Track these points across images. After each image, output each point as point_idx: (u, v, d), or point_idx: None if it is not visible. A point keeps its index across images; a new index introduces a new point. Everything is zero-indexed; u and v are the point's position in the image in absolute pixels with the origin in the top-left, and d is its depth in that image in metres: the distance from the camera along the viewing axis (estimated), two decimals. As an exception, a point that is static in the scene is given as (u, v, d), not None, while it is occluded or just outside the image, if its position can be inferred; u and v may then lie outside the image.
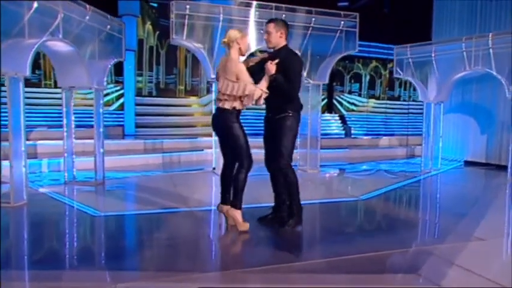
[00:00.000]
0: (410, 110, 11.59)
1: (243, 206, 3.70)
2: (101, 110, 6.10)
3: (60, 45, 5.41)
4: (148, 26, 10.43)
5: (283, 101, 3.75)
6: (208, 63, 6.86)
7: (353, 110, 12.87)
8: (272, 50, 3.86)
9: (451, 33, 8.93)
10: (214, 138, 7.01)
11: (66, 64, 5.72)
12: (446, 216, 4.66)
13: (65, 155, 6.01)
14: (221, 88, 3.57)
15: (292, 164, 3.83)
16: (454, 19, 9.08)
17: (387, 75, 13.29)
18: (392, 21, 10.76)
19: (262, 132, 3.97)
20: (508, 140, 7.98)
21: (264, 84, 3.56)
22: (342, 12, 7.47)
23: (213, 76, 6.91)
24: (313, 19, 7.22)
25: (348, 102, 12.84)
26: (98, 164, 6.02)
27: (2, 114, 4.41)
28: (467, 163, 8.76)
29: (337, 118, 12.17)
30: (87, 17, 5.65)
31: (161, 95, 10.62)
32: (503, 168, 7.91)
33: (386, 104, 13.24)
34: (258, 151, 3.95)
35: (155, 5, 10.43)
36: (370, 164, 8.54)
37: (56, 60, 5.75)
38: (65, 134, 5.99)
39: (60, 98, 6.07)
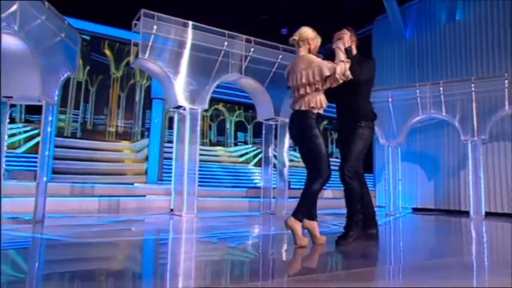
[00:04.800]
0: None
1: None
2: (49, 129, 4.89)
3: (9, 41, 4.34)
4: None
5: (354, 108, 3.56)
6: (173, 88, 6.10)
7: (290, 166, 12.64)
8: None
9: (392, 83, 9.42)
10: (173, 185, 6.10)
11: (12, 67, 4.55)
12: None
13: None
14: (295, 82, 3.24)
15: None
16: (394, 68, 9.69)
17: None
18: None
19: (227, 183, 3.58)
20: (455, 185, 8.38)
21: (340, 54, 3.26)
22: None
23: (179, 104, 6.17)
24: (280, 57, 7.02)
25: (284, 156, 12.61)
26: (39, 201, 4.68)
27: None
28: (416, 210, 8.87)
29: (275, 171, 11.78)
30: (44, 16, 4.68)
31: (87, 137, 9.20)
32: (453, 213, 8.16)
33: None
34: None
35: (87, 37, 9.41)
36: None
37: (-1, 61, 4.55)
38: (-4, 158, 4.62)
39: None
